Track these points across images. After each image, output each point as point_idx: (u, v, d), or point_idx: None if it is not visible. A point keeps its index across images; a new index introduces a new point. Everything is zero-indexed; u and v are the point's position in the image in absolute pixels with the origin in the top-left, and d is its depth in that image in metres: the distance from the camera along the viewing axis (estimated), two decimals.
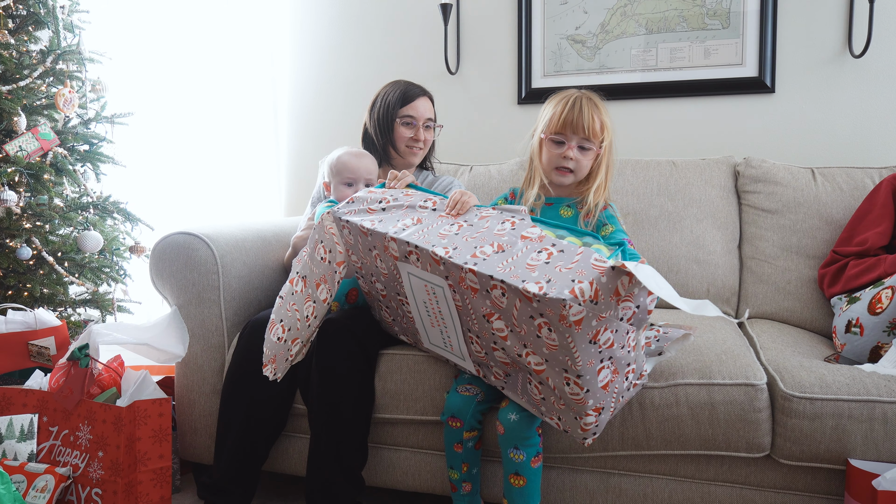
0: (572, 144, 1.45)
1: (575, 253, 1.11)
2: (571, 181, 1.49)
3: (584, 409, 1.16)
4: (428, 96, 1.93)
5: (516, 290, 1.08)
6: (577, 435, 1.23)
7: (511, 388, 1.32)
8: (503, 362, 1.27)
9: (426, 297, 1.31)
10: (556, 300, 1.02)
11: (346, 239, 1.43)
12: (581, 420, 1.19)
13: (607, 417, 1.21)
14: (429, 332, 1.39)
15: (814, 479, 1.35)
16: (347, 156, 1.74)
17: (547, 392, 1.21)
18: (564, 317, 1.03)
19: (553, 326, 1.07)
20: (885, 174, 1.88)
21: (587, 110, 1.44)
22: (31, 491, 1.50)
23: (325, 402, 1.49)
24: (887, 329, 1.43)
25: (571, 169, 1.47)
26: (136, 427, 1.54)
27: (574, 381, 1.13)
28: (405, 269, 1.31)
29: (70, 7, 2.36)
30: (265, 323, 1.61)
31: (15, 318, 1.88)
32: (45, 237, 2.17)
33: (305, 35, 2.67)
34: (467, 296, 1.20)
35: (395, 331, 1.55)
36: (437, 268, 1.23)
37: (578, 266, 1.07)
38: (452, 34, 2.49)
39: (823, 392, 1.29)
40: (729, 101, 2.25)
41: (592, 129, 1.43)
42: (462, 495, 1.48)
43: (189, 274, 1.68)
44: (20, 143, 2.10)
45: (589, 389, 1.13)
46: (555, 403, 1.21)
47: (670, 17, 2.26)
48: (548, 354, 1.13)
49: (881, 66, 2.10)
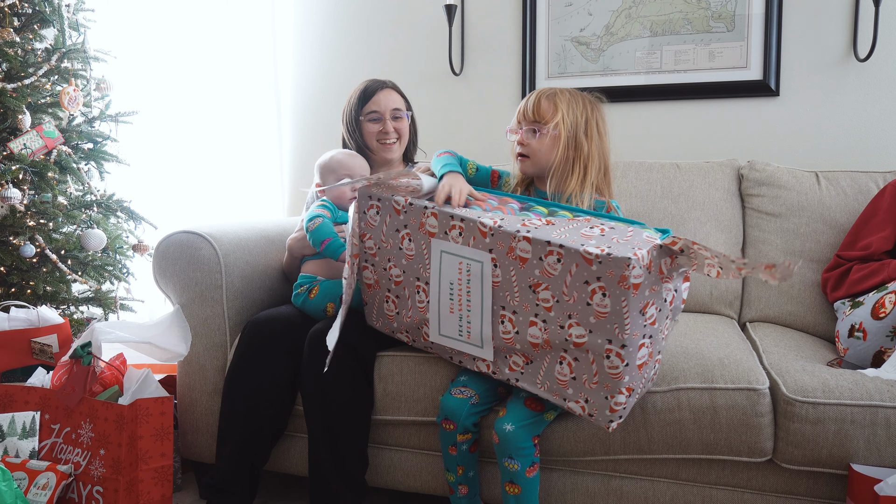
0: (521, 130, 1.47)
1: (627, 230, 1.19)
2: (531, 167, 1.49)
3: (618, 386, 1.18)
4: (391, 87, 1.90)
5: (576, 252, 1.14)
6: (604, 418, 1.23)
7: (529, 377, 1.30)
8: (532, 344, 1.25)
9: (456, 277, 1.31)
10: (620, 259, 1.09)
11: (368, 222, 1.44)
12: (612, 399, 1.20)
13: (633, 403, 1.24)
14: (443, 320, 1.37)
15: (816, 483, 1.35)
16: (342, 154, 1.77)
17: (580, 370, 1.21)
18: (626, 277, 1.09)
19: (608, 291, 1.12)
20: (890, 178, 1.87)
21: (534, 97, 1.46)
22: (32, 488, 1.50)
23: (320, 410, 1.50)
24: (891, 334, 1.42)
25: (527, 154, 1.47)
26: (138, 425, 1.54)
27: (616, 353, 1.15)
28: (439, 247, 1.32)
29: (75, 5, 2.37)
30: (265, 323, 1.61)
31: (18, 315, 1.88)
32: (48, 235, 2.17)
33: (309, 35, 2.68)
34: (513, 267, 1.22)
35: (394, 327, 1.51)
36: (482, 240, 1.25)
37: (633, 239, 1.15)
38: (457, 35, 2.49)
39: (826, 396, 1.28)
40: (733, 104, 2.25)
41: (538, 112, 1.44)
42: (459, 497, 1.48)
43: (192, 273, 1.68)
44: (24, 140, 2.10)
45: (628, 363, 1.16)
46: (586, 383, 1.22)
47: (675, 20, 2.26)
48: (594, 324, 1.16)
49: (886, 70, 2.10)
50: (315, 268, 1.73)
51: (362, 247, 1.47)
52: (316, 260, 1.74)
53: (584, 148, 1.45)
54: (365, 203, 1.43)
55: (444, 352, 1.43)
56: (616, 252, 1.10)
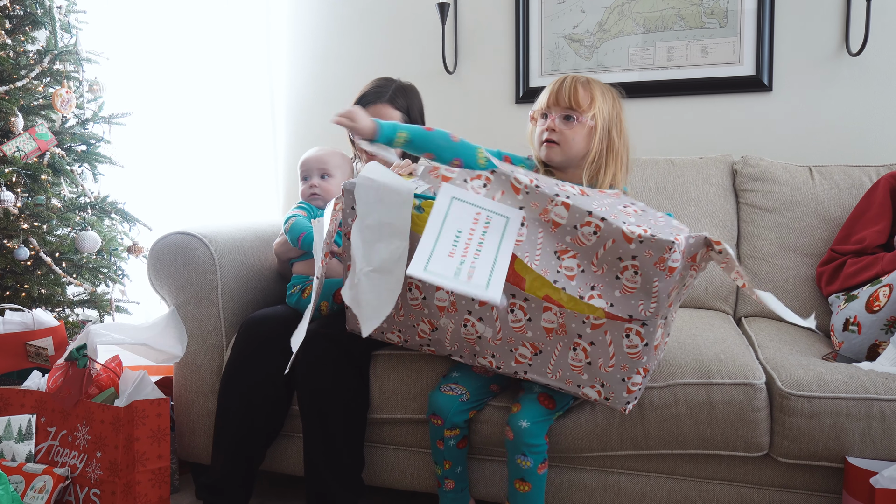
0: (554, 115, 1.43)
1: (657, 215, 1.20)
2: (559, 155, 1.44)
3: (636, 366, 1.20)
4: (388, 102, 1.80)
5: (617, 229, 1.13)
6: (620, 400, 1.24)
7: (538, 368, 1.28)
8: (546, 329, 1.23)
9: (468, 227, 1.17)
10: (663, 241, 1.10)
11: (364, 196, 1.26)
12: (629, 381, 1.21)
13: (645, 384, 1.25)
14: (435, 258, 1.14)
15: (812, 477, 1.35)
16: (306, 153, 1.76)
17: (596, 354, 1.22)
18: (664, 259, 1.11)
19: (642, 270, 1.13)
20: (883, 172, 1.88)
21: (570, 82, 1.42)
22: (29, 491, 1.50)
23: (316, 410, 1.50)
24: (885, 327, 1.43)
25: (556, 141, 1.43)
26: (135, 427, 1.54)
27: (636, 332, 1.17)
28: (450, 193, 1.20)
29: (67, 7, 2.36)
30: (261, 322, 1.61)
31: (13, 318, 1.88)
32: (42, 238, 2.16)
33: (303, 34, 2.67)
34: (542, 230, 1.19)
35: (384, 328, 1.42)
36: (513, 196, 1.21)
37: (666, 225, 1.17)
38: (450, 33, 2.49)
39: (821, 390, 1.29)
40: (726, 100, 2.25)
41: (575, 99, 1.41)
42: (445, 491, 1.48)
43: (187, 274, 1.68)
44: (17, 143, 2.09)
45: (647, 343, 1.18)
46: (602, 367, 1.22)
47: (668, 16, 2.26)
48: (618, 298, 1.16)
49: (878, 65, 2.11)
50: (304, 268, 1.72)
51: (348, 245, 1.34)
52: (304, 261, 1.73)
53: (615, 142, 1.44)
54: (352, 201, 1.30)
55: (443, 348, 1.38)
56: (659, 234, 1.11)
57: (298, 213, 1.69)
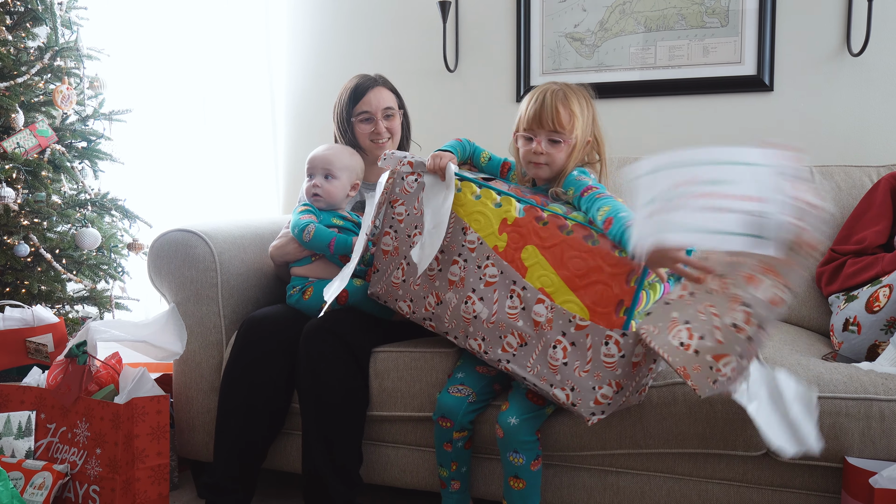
0: (540, 139, 1.44)
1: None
2: (548, 173, 1.47)
3: (609, 377, 1.22)
4: (381, 84, 1.86)
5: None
6: (587, 409, 1.24)
7: (520, 360, 1.31)
8: (535, 322, 1.29)
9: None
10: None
11: (405, 188, 1.51)
12: (599, 391, 1.23)
13: (619, 402, 1.25)
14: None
15: (811, 476, 1.35)
16: (315, 150, 1.75)
17: (574, 356, 1.24)
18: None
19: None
20: (883, 173, 1.88)
21: (550, 104, 1.41)
22: (28, 488, 1.50)
23: (315, 406, 1.50)
24: (885, 327, 1.43)
25: (546, 163, 1.46)
26: (134, 424, 1.54)
27: (615, 341, 1.21)
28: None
29: (68, 4, 2.36)
30: (262, 320, 1.61)
31: (13, 314, 1.87)
32: (42, 234, 2.16)
33: (303, 32, 2.67)
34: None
35: (398, 294, 1.50)
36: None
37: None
38: (451, 32, 2.49)
39: (821, 390, 1.29)
40: (727, 100, 2.25)
41: (558, 122, 1.41)
42: (451, 493, 1.48)
43: (187, 271, 1.68)
44: (18, 139, 2.10)
45: (625, 355, 1.20)
46: (577, 370, 1.24)
47: (669, 15, 2.26)
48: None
49: (879, 65, 2.10)
50: (304, 271, 1.70)
51: (391, 213, 1.52)
52: (303, 265, 1.70)
53: (594, 146, 1.50)
54: (400, 173, 1.51)
55: (441, 324, 1.44)
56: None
57: (311, 220, 1.65)
